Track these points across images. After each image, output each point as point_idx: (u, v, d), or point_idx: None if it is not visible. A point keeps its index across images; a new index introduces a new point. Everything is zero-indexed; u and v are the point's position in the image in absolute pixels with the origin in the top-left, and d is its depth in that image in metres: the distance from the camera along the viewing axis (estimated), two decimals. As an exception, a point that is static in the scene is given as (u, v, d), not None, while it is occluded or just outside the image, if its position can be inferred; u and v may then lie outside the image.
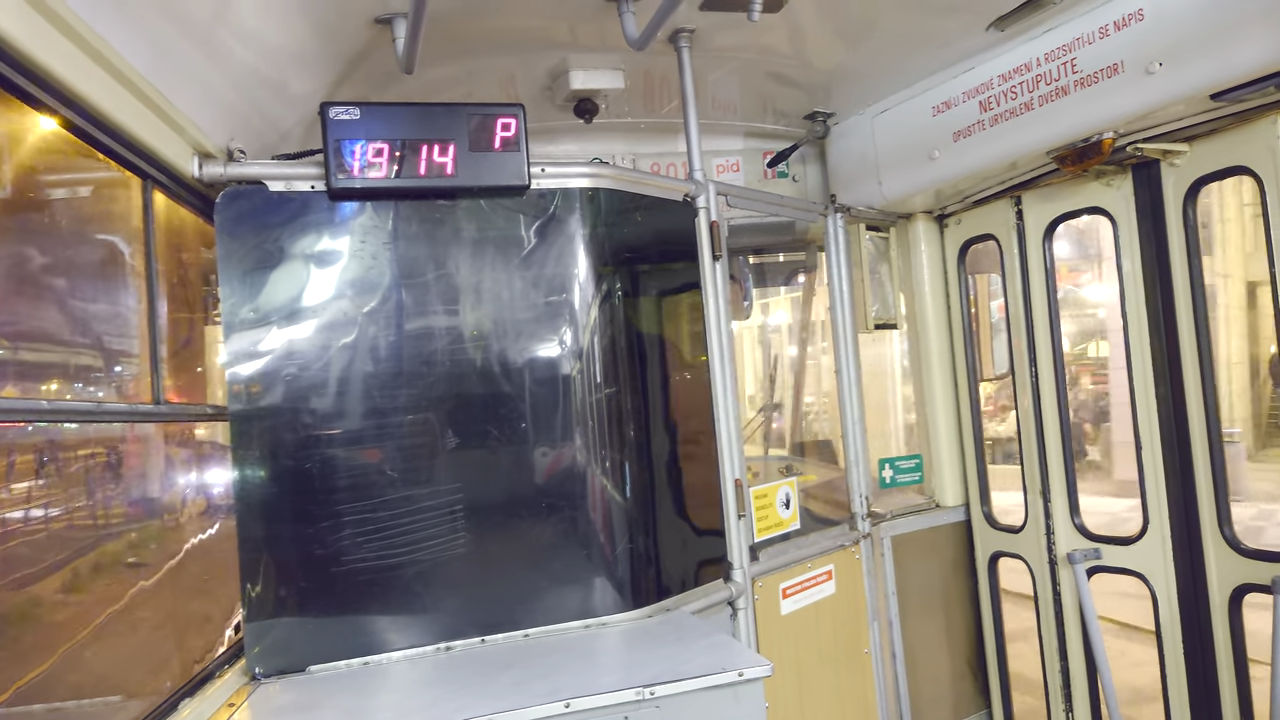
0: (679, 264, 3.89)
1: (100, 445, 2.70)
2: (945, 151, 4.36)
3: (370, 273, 3.24)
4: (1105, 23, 3.57)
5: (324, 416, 3.15)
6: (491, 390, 3.34)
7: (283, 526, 3.08)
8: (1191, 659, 4.09)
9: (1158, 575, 4.18)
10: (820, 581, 4.37)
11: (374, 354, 3.22)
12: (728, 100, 4.71)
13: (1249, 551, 3.81)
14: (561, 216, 3.47)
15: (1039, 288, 4.60)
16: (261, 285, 3.13)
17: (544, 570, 3.36)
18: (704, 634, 3.15)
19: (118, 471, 2.79)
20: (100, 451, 2.71)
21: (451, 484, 3.27)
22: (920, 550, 5.03)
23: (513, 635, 3.27)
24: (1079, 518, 4.55)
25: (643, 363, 3.67)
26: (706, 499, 3.83)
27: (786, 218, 4.88)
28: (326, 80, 3.57)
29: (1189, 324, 3.96)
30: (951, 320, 5.18)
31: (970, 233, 5.01)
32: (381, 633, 3.15)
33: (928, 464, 5.21)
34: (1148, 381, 4.15)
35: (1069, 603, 4.58)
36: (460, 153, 3.19)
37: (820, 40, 4.00)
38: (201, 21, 2.72)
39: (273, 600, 3.05)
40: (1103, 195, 4.25)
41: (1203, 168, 3.82)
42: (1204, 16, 3.23)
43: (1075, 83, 3.73)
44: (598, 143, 4.88)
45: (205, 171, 3.03)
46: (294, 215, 3.17)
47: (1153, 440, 4.15)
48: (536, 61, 4.01)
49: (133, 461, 2.91)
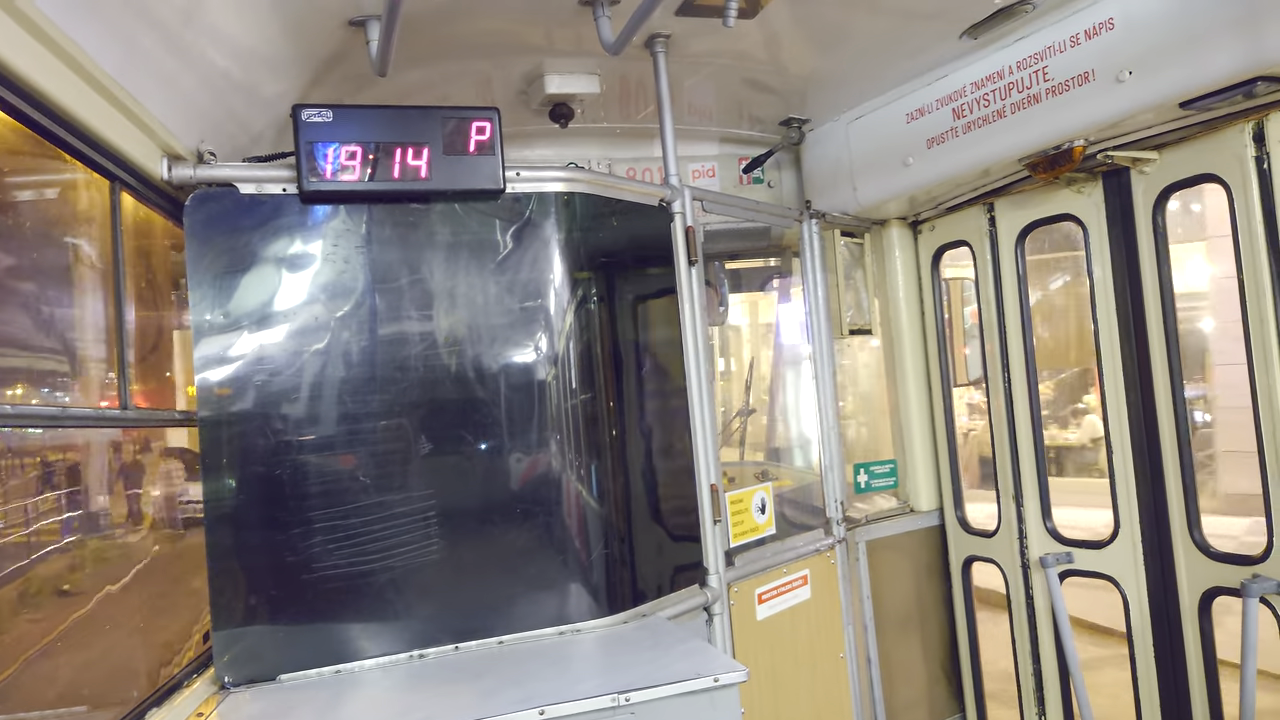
0: (655, 269, 3.89)
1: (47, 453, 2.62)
2: (919, 158, 4.40)
3: (343, 277, 3.21)
4: (1076, 31, 3.62)
5: (295, 422, 3.12)
6: (466, 396, 3.32)
7: (253, 533, 3.04)
8: (1162, 661, 4.13)
9: (1129, 579, 4.22)
10: (796, 587, 4.38)
11: (346, 359, 3.19)
12: (703, 106, 4.72)
13: (1218, 555, 3.86)
14: (537, 221, 3.46)
15: (1011, 293, 4.64)
16: (232, 289, 3.09)
17: (519, 576, 3.33)
18: (680, 640, 3.14)
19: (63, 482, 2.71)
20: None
21: (425, 490, 3.25)
22: (895, 555, 5.05)
23: (487, 642, 3.24)
24: (1051, 521, 4.59)
25: (618, 368, 3.67)
26: (682, 504, 3.82)
27: (762, 223, 4.90)
28: (299, 83, 3.54)
29: (1159, 330, 4.01)
30: (925, 326, 5.22)
31: (944, 239, 5.05)
32: (353, 640, 3.11)
33: (902, 469, 5.24)
34: (1118, 387, 4.20)
35: (1041, 606, 4.62)
36: (434, 156, 3.17)
37: (795, 47, 4.02)
38: (172, 22, 2.69)
39: (242, 608, 3.01)
40: (1074, 202, 4.30)
41: (1172, 175, 3.88)
42: (1173, 26, 3.29)
43: (1047, 91, 3.78)
44: (573, 148, 4.88)
45: (175, 174, 2.99)
46: (265, 218, 3.13)
47: (1123, 445, 4.20)
48: (512, 65, 4.00)
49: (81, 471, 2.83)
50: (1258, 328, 3.54)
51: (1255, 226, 3.52)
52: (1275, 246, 3.46)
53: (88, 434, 2.82)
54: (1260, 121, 3.46)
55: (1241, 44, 3.12)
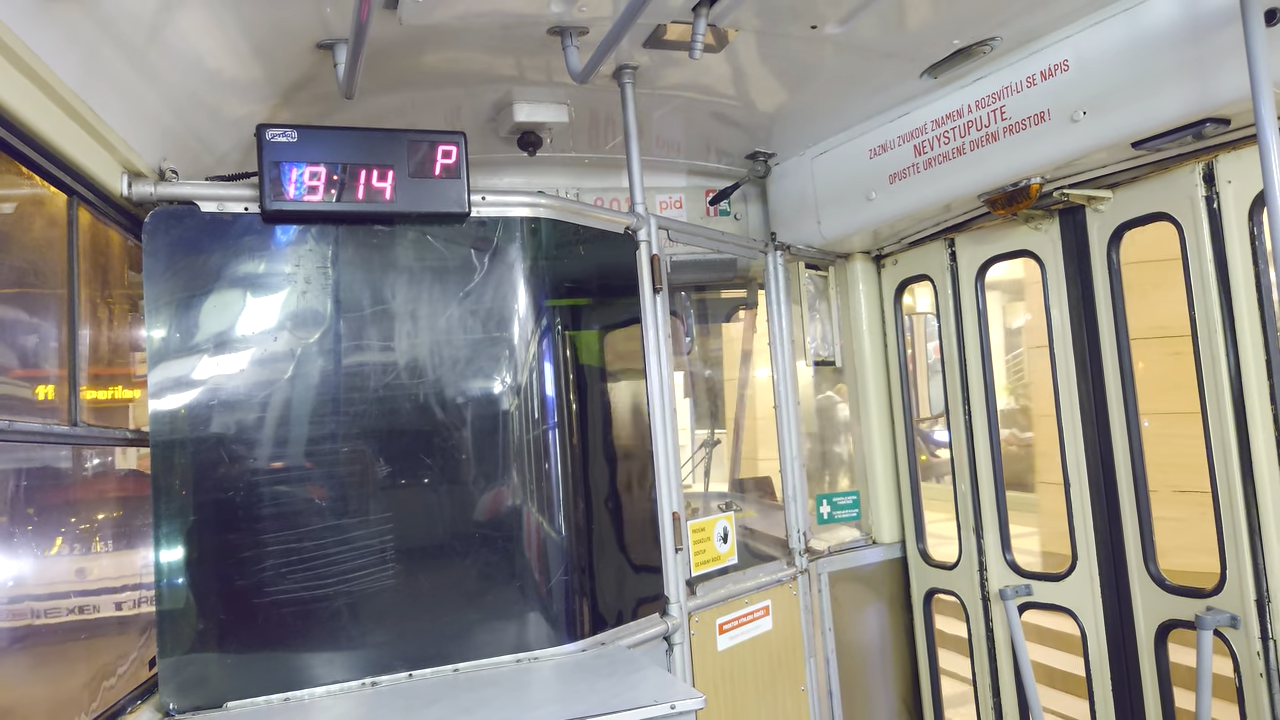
0: (620, 298, 3.91)
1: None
2: (882, 193, 4.48)
3: (304, 299, 3.19)
4: (1032, 72, 3.72)
5: (250, 443, 3.07)
6: (426, 420, 3.30)
7: (203, 557, 2.98)
8: (1119, 692, 4.16)
9: (1086, 611, 4.25)
10: (757, 617, 4.36)
11: (305, 381, 3.16)
12: (671, 138, 4.78)
13: (1173, 588, 3.90)
14: (502, 246, 3.47)
15: (972, 327, 4.72)
16: (190, 307, 3.05)
17: (477, 603, 3.29)
18: (637, 667, 3.11)
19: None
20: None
21: (383, 515, 3.20)
22: (857, 587, 5.06)
23: (442, 670, 3.19)
24: (1010, 554, 4.62)
25: (581, 394, 3.66)
26: (644, 533, 3.80)
27: (728, 254, 4.95)
28: (266, 104, 3.54)
29: (1114, 366, 4.08)
30: (888, 358, 5.28)
31: (906, 273, 5.12)
32: (304, 668, 3.05)
33: (865, 500, 5.26)
34: (1075, 422, 4.26)
35: (1001, 639, 4.64)
36: (400, 179, 3.18)
37: (761, 82, 4.09)
38: (137, 39, 2.68)
39: (190, 633, 2.94)
40: (1031, 238, 4.39)
41: (1126, 214, 3.98)
42: (1125, 68, 3.39)
43: (1005, 129, 3.87)
44: (541, 176, 4.91)
45: (134, 190, 2.97)
46: (226, 238, 3.11)
47: (1080, 479, 4.25)
48: (481, 93, 4.03)
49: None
50: (1209, 364, 3.62)
51: (1206, 265, 3.61)
52: (1225, 284, 3.56)
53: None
54: (1210, 162, 3.57)
55: (1190, 86, 3.22)
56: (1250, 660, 3.53)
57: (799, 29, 3.49)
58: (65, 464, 2.91)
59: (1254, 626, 3.51)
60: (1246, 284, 3.50)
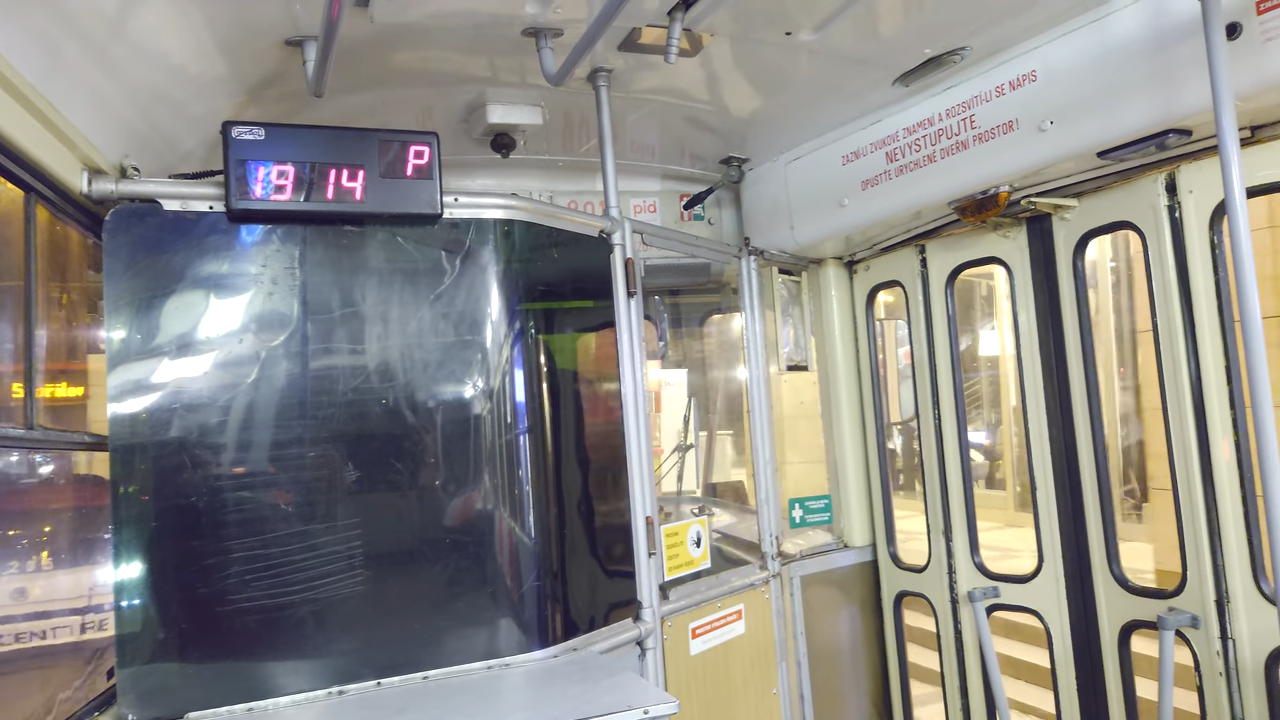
0: (594, 301, 3.89)
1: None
2: (854, 199, 4.51)
3: (271, 299, 3.14)
4: (1001, 82, 3.76)
5: (214, 448, 3.01)
6: (395, 424, 3.25)
7: (164, 564, 2.91)
8: (1084, 692, 4.21)
9: (1052, 613, 4.31)
10: (730, 621, 4.36)
11: (271, 383, 3.10)
12: (646, 142, 4.77)
13: (1136, 589, 3.97)
14: (475, 249, 3.43)
15: (941, 333, 4.76)
16: (152, 308, 2.98)
17: (447, 610, 3.25)
18: (610, 673, 3.09)
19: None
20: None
21: (351, 520, 3.15)
22: (829, 590, 5.08)
23: (411, 677, 3.14)
24: (979, 556, 4.67)
25: (555, 398, 3.64)
26: (617, 537, 3.78)
27: (702, 259, 4.95)
28: (232, 101, 3.48)
29: (1079, 371, 4.14)
30: (860, 363, 5.31)
31: (878, 279, 5.16)
32: (269, 677, 2.98)
33: (836, 504, 5.28)
34: (1042, 426, 4.32)
35: (970, 640, 4.68)
36: (370, 179, 3.14)
37: (735, 87, 4.10)
38: (99, 33, 2.62)
39: (151, 642, 2.87)
40: (1000, 246, 4.44)
41: (1091, 222, 4.04)
42: (1091, 80, 3.44)
43: (974, 138, 3.91)
44: (515, 178, 4.87)
45: (95, 188, 2.89)
46: (190, 237, 3.05)
47: (1046, 482, 4.30)
48: (454, 93, 3.99)
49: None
50: (1171, 369, 3.69)
51: (1168, 272, 3.68)
52: (1187, 291, 3.62)
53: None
54: (1172, 173, 3.63)
55: (1154, 98, 3.28)
56: (1210, 659, 3.59)
57: (773, 35, 3.50)
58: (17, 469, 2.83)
59: (1214, 627, 3.57)
60: (1207, 291, 3.56)
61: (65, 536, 3.17)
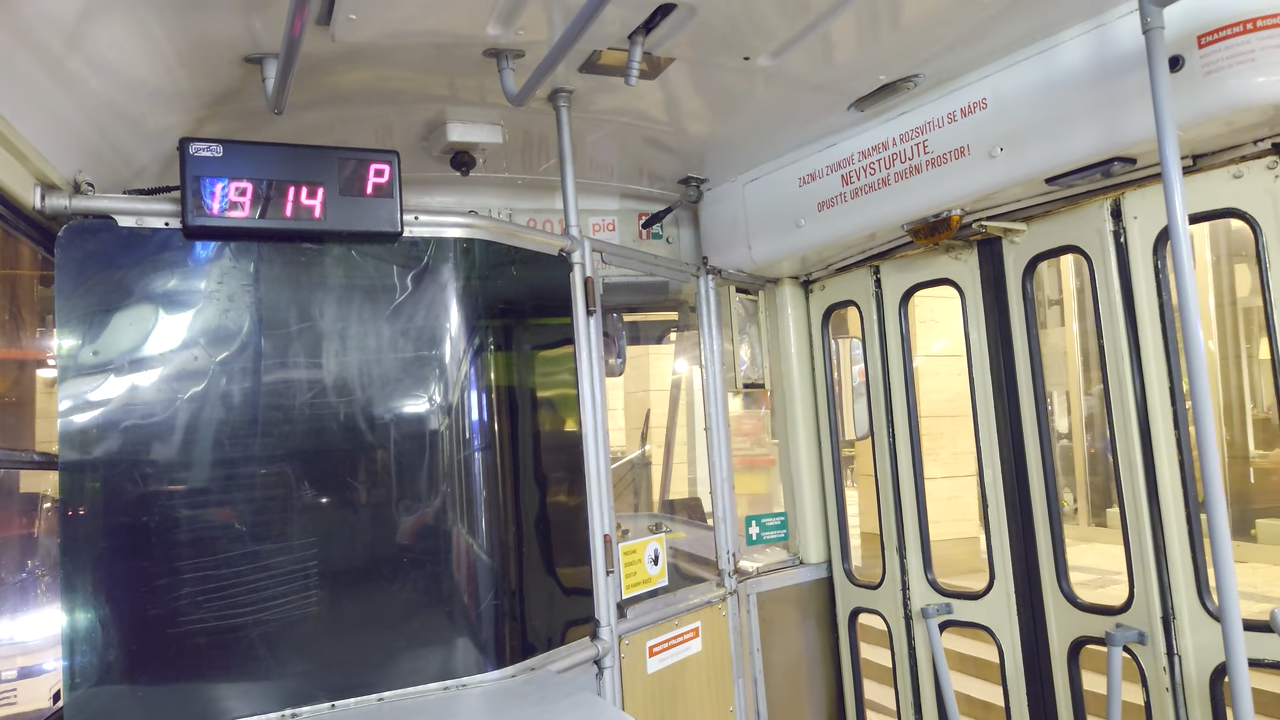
0: (553, 319, 3.90)
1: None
2: (810, 220, 4.58)
3: (226, 317, 3.10)
4: (953, 109, 3.87)
5: (166, 467, 2.96)
6: (351, 440, 3.23)
7: (113, 585, 2.85)
8: (1034, 707, 4.29)
9: (1003, 629, 4.39)
10: (687, 639, 4.37)
11: (226, 401, 3.06)
12: (605, 162, 4.81)
13: (1085, 606, 4.06)
14: (434, 267, 3.43)
15: (896, 352, 4.85)
16: (104, 326, 2.93)
17: (403, 630, 3.22)
18: (567, 693, 3.09)
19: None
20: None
21: (305, 539, 3.12)
22: (785, 607, 5.12)
23: (366, 700, 3.11)
24: (931, 573, 4.74)
25: (513, 417, 3.64)
26: (575, 556, 3.79)
27: (660, 277, 4.99)
28: (190, 117, 3.45)
29: (1029, 391, 4.24)
30: (816, 382, 5.38)
31: (833, 299, 5.25)
32: (220, 699, 2.93)
33: (792, 521, 5.34)
34: (992, 445, 4.41)
35: (923, 656, 4.75)
36: (330, 196, 3.12)
37: (694, 109, 4.16)
38: (53, 46, 2.59)
39: (98, 666, 2.80)
40: (951, 267, 4.55)
41: (1039, 245, 4.15)
42: (1040, 108, 3.55)
43: (927, 162, 4.01)
44: (475, 196, 4.88)
45: (48, 203, 2.85)
46: (145, 254, 3.00)
47: (998, 500, 4.39)
48: (413, 111, 3.99)
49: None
50: (1117, 390, 3.80)
51: (1113, 295, 3.79)
52: (1132, 314, 3.74)
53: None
54: (1117, 199, 3.76)
55: (1099, 127, 3.40)
56: (1157, 675, 3.68)
57: (732, 60, 3.56)
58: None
59: (1160, 643, 3.67)
60: (1151, 314, 3.68)
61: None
